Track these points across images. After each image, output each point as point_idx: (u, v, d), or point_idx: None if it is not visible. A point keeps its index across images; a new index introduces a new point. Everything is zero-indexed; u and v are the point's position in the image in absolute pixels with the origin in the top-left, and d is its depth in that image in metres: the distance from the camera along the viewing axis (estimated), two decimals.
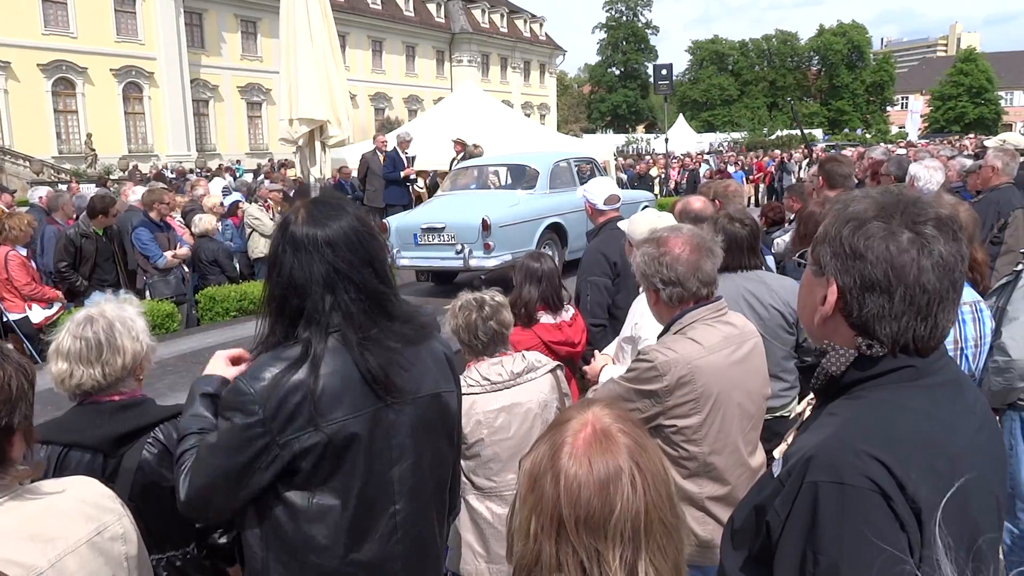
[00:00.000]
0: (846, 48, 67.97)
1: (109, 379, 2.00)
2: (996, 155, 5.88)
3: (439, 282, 10.04)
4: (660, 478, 1.13)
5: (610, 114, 69.37)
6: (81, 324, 2.02)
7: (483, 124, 16.95)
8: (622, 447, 1.12)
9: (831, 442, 1.18)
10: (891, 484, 1.10)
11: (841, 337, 1.27)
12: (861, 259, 1.21)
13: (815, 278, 1.30)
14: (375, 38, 48.58)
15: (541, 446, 1.17)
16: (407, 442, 1.81)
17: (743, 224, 3.39)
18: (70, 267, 7.12)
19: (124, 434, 1.99)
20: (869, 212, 1.23)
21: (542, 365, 2.97)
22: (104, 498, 1.52)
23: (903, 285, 1.19)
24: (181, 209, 9.78)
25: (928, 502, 1.09)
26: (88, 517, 1.45)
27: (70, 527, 1.40)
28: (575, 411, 1.21)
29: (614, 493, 1.08)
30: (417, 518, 1.85)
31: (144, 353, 2.08)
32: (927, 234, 1.19)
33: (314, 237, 1.73)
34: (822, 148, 30.07)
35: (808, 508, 1.14)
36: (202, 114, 40.37)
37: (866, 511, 1.09)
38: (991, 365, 3.23)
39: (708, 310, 2.40)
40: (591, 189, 4.77)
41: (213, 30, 40.40)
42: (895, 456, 1.12)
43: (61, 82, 34.41)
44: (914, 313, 1.20)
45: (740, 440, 2.39)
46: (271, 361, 1.69)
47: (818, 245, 1.29)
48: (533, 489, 1.13)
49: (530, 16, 61.65)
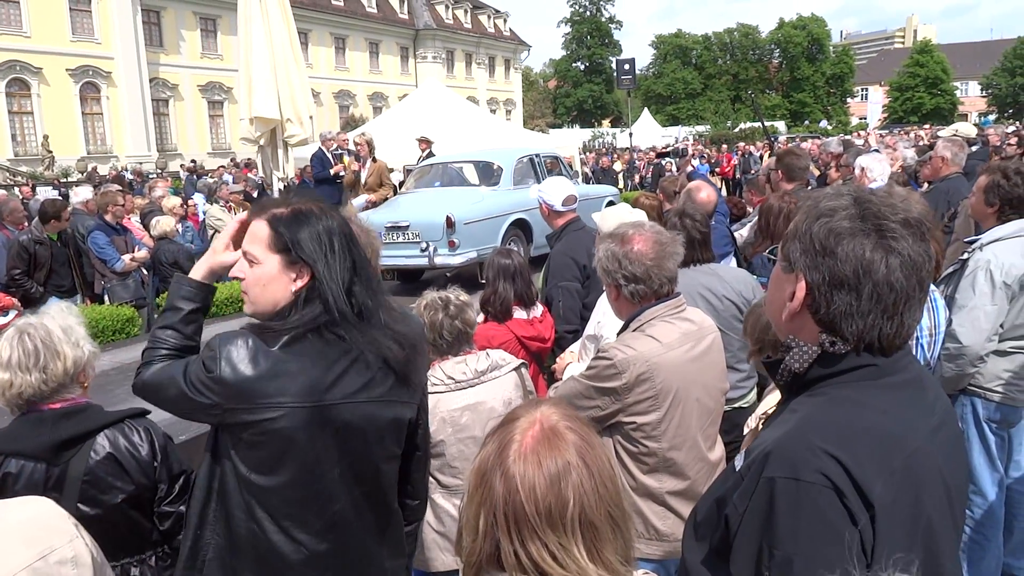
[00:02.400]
0: (806, 41, 68.82)
1: (50, 385, 1.98)
2: (945, 146, 6.00)
3: (405, 280, 9.99)
4: (607, 473, 1.16)
5: (576, 109, 69.51)
6: (18, 333, 2.01)
7: (448, 120, 16.88)
8: (570, 444, 1.15)
9: (789, 438, 1.20)
10: (846, 481, 1.11)
11: (807, 334, 1.28)
12: (831, 256, 1.22)
13: (784, 274, 1.31)
14: (337, 35, 48.07)
15: (489, 444, 1.19)
16: (353, 444, 1.82)
17: (693, 220, 3.46)
18: (24, 274, 6.96)
19: (65, 440, 1.97)
20: (840, 209, 1.24)
21: (506, 363, 2.97)
22: (54, 518, 1.44)
23: (871, 283, 1.20)
24: (140, 211, 9.61)
25: (882, 500, 1.11)
26: (31, 540, 1.36)
27: (9, 552, 1.32)
28: (523, 409, 1.23)
29: (565, 488, 1.11)
30: (354, 517, 1.86)
31: (86, 359, 2.06)
32: (897, 232, 1.21)
33: (329, 228, 1.80)
34: (784, 140, 30.43)
35: (765, 503, 1.16)
36: (162, 114, 39.65)
37: (821, 507, 1.11)
38: (943, 352, 3.30)
39: (667, 307, 2.42)
40: (547, 190, 4.51)
41: (172, 28, 39.67)
42: (851, 453, 1.13)
43: (15, 83, 33.54)
44: (881, 311, 1.21)
45: (699, 435, 2.41)
46: (248, 340, 1.74)
47: (788, 241, 1.30)
48: (480, 486, 1.15)
49: (494, 11, 61.50)
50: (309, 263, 1.76)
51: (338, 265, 1.77)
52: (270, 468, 1.75)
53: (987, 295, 3.24)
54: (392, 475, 1.97)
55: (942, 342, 3.30)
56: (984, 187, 3.61)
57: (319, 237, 1.78)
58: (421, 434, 2.05)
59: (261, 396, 1.70)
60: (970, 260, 3.36)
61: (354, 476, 1.84)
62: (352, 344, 1.77)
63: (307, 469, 1.77)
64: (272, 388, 1.70)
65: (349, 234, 1.83)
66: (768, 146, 19.52)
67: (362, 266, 1.82)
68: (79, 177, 23.81)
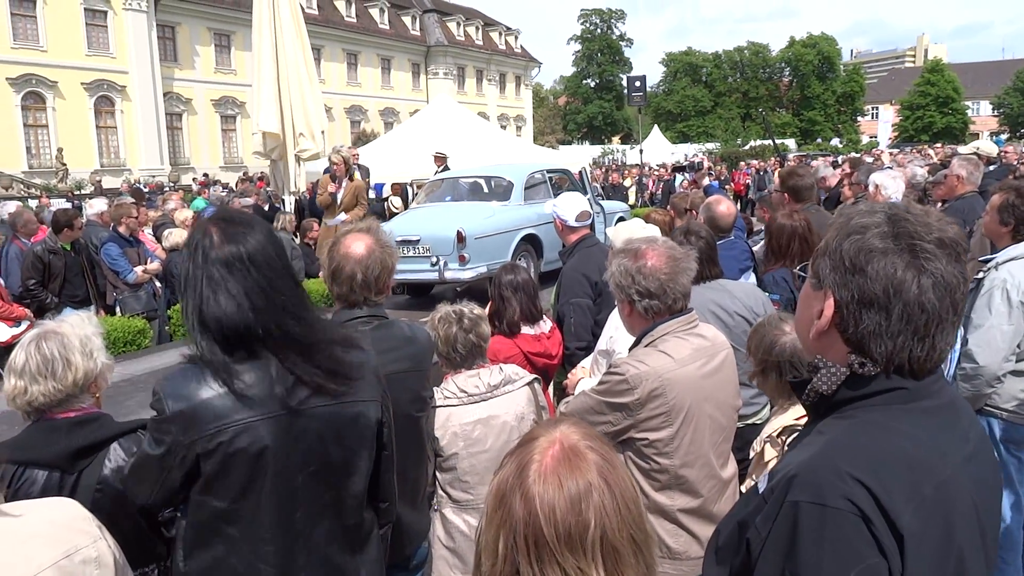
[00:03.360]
0: (817, 59, 68.93)
1: (60, 395, 1.99)
2: (961, 164, 5.98)
3: (415, 295, 10.01)
4: (630, 495, 1.13)
5: (586, 125, 69.74)
6: (34, 340, 2.01)
7: (459, 136, 16.98)
8: (591, 464, 1.12)
9: (814, 461, 1.17)
10: (873, 508, 1.08)
11: (835, 353, 1.26)
12: (861, 273, 1.19)
13: (813, 291, 1.28)
14: (350, 51, 48.49)
15: (508, 464, 1.16)
16: (315, 448, 1.82)
17: (699, 236, 3.46)
18: (39, 284, 7.01)
19: (80, 449, 1.97)
20: (873, 227, 1.21)
21: (520, 378, 2.97)
22: (79, 520, 1.48)
23: (902, 302, 1.17)
24: (152, 224, 9.67)
25: (911, 529, 1.08)
26: (56, 540, 1.40)
27: (34, 551, 1.36)
28: (543, 429, 1.20)
29: (587, 509, 1.08)
30: (316, 526, 1.85)
31: (98, 371, 2.07)
32: (931, 253, 1.17)
33: (231, 255, 1.77)
34: (795, 158, 30.40)
35: (788, 528, 1.12)
36: (175, 128, 40.00)
37: (846, 534, 1.08)
38: (959, 372, 3.28)
39: (679, 323, 2.41)
40: (562, 205, 4.50)
41: (186, 43, 40.11)
42: (879, 480, 1.10)
43: (31, 96, 33.93)
44: (911, 333, 1.18)
45: (712, 452, 2.39)
46: (187, 370, 1.77)
47: (818, 258, 1.28)
48: (500, 507, 1.13)
49: (505, 29, 61.93)
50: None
51: (198, 294, 1.75)
52: (242, 492, 1.75)
53: (1004, 315, 3.21)
54: (360, 478, 1.94)
55: (958, 361, 3.27)
56: (998, 207, 3.59)
57: (187, 264, 1.80)
58: (387, 433, 2.02)
59: (214, 419, 1.71)
60: (985, 279, 3.34)
61: (320, 482, 1.84)
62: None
63: (274, 482, 1.77)
64: (223, 408, 1.72)
65: (246, 257, 1.77)
66: (779, 163, 19.48)
67: (269, 289, 1.77)
68: (91, 190, 24.01)
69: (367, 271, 2.34)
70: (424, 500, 2.71)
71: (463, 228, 8.80)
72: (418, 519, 2.60)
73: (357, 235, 2.41)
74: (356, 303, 2.38)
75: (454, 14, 56.37)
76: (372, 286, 2.37)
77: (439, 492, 2.87)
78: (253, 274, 1.76)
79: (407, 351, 2.45)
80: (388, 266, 2.41)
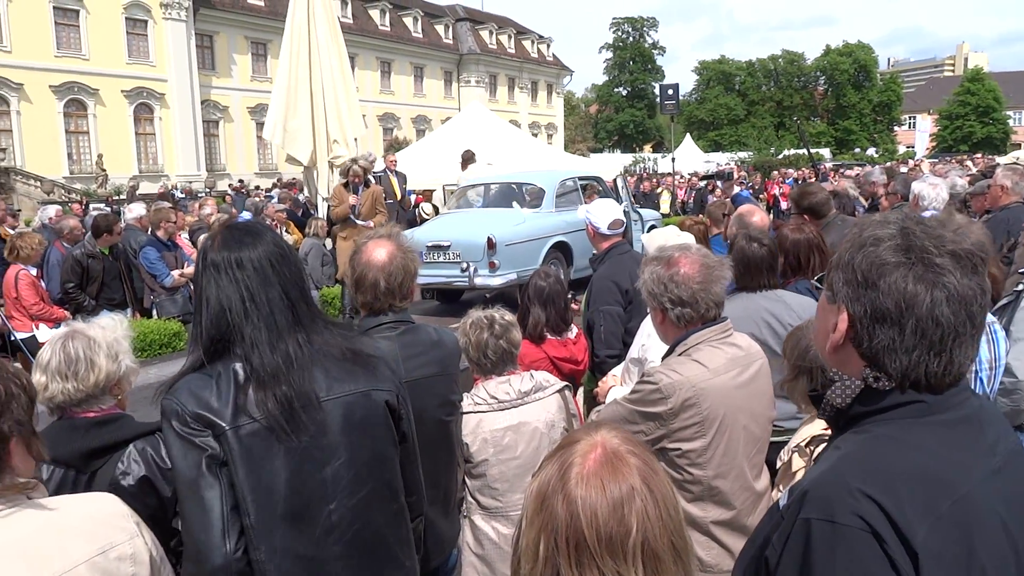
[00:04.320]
0: (852, 68, 68.13)
1: (80, 395, 2.00)
2: (1005, 174, 5.85)
3: (444, 300, 10.05)
4: (670, 500, 1.13)
5: (617, 134, 69.62)
6: (61, 339, 2.04)
7: (490, 143, 17.02)
8: (633, 469, 1.12)
9: (825, 477, 1.16)
10: (885, 525, 1.05)
11: (852, 367, 1.23)
12: (873, 288, 1.17)
13: (828, 304, 1.27)
14: (384, 59, 49.04)
15: (549, 467, 1.15)
16: (338, 440, 1.81)
17: (761, 244, 3.37)
18: (78, 287, 7.15)
19: (95, 449, 1.98)
20: (885, 240, 1.19)
21: (550, 385, 2.95)
22: (116, 516, 1.50)
23: (915, 317, 1.15)
24: (188, 228, 9.84)
25: (928, 547, 1.04)
26: (93, 536, 1.42)
27: (70, 546, 1.38)
28: (583, 433, 1.20)
29: (629, 514, 1.08)
30: (355, 517, 1.84)
31: (122, 374, 2.08)
32: (943, 266, 1.15)
33: (227, 260, 1.80)
34: (829, 167, 30.01)
35: (800, 545, 1.11)
36: (212, 135, 40.76)
37: (858, 552, 1.05)
38: (999, 387, 3.19)
39: (714, 331, 2.38)
40: (595, 211, 4.42)
41: (224, 52, 40.88)
42: (891, 495, 1.07)
43: (73, 103, 34.83)
44: (926, 347, 1.15)
45: (745, 464, 2.35)
46: (192, 377, 1.77)
47: (832, 271, 1.26)
48: (541, 510, 1.12)
49: (537, 37, 62.14)
50: None
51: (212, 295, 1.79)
52: (271, 479, 1.74)
53: None
54: (392, 466, 1.94)
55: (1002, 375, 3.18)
56: None
57: (199, 269, 1.84)
58: (406, 423, 2.01)
59: (225, 417, 1.71)
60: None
61: (353, 474, 1.83)
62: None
63: (297, 471, 1.76)
64: (229, 410, 1.72)
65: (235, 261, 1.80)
66: (814, 173, 19.28)
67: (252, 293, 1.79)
68: (125, 196, 24.58)
69: (390, 278, 2.34)
70: (455, 506, 2.70)
71: (493, 235, 8.82)
72: (449, 526, 2.59)
73: (378, 242, 2.41)
74: (381, 310, 2.38)
75: (487, 22, 56.70)
76: (396, 292, 2.37)
77: (468, 499, 2.86)
78: (241, 278, 1.79)
79: (434, 355, 2.45)
80: (411, 271, 2.40)
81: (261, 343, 1.77)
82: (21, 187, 28.44)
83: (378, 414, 1.91)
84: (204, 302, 1.80)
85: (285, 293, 1.82)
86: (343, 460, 1.82)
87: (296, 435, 1.75)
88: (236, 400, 1.72)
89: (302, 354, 1.80)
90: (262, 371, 1.74)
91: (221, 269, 1.80)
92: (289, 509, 1.75)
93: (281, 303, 1.81)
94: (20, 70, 32.36)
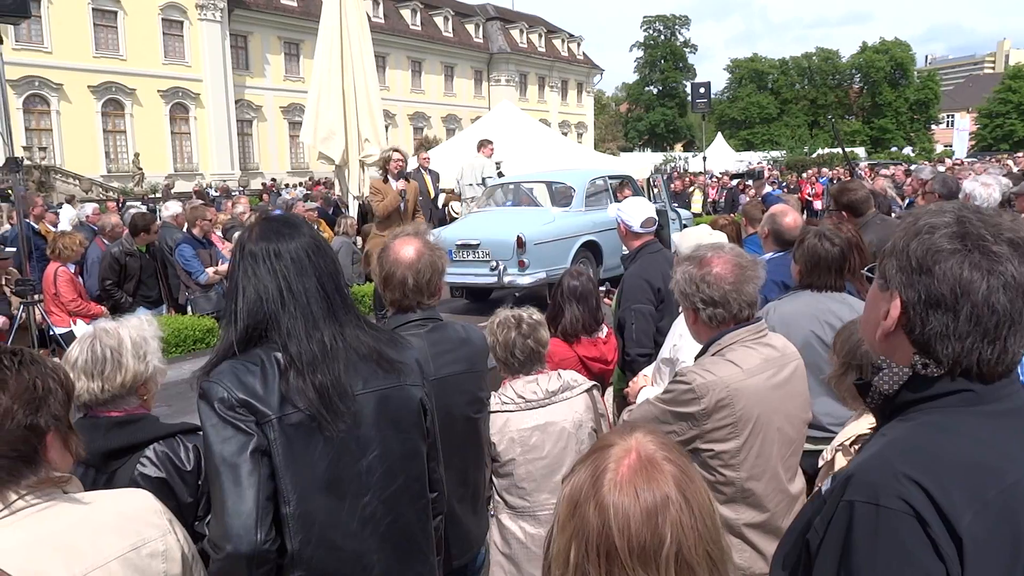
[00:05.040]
0: (889, 66, 66.94)
1: (106, 395, 2.00)
2: None
3: (473, 299, 10.06)
4: (707, 509, 1.09)
5: (647, 133, 69.17)
6: (90, 338, 2.04)
7: (520, 142, 17.02)
8: (668, 476, 1.09)
9: (871, 462, 1.15)
10: (929, 509, 1.05)
11: (902, 355, 1.23)
12: (928, 274, 1.17)
13: (880, 292, 1.26)
14: (414, 58, 49.28)
15: (582, 472, 1.13)
16: (372, 434, 1.82)
17: (833, 243, 3.26)
18: (115, 284, 7.29)
19: (115, 450, 1.97)
20: (941, 227, 1.18)
21: (578, 384, 2.93)
22: (150, 513, 1.51)
23: (970, 303, 1.14)
24: (222, 227, 9.97)
25: (972, 533, 1.03)
26: (126, 532, 1.43)
27: (103, 541, 1.39)
28: (617, 436, 1.17)
29: (663, 523, 1.05)
30: (389, 510, 1.85)
31: (149, 375, 2.08)
32: (1000, 253, 1.14)
33: (265, 250, 1.81)
34: (865, 167, 29.53)
35: (843, 528, 1.10)
36: (246, 134, 41.29)
37: (901, 536, 1.05)
38: None
39: (748, 331, 2.34)
40: (626, 209, 4.36)
41: (258, 52, 41.38)
42: (936, 481, 1.06)
43: (111, 103, 35.51)
44: (980, 334, 1.15)
45: (780, 466, 2.31)
46: (235, 363, 1.76)
47: (885, 258, 1.25)
48: (573, 516, 1.09)
49: (568, 36, 61.99)
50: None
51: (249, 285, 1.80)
52: (312, 470, 1.74)
53: None
54: (421, 462, 1.95)
55: None
56: None
57: (236, 259, 1.86)
58: (431, 420, 2.01)
59: (272, 406, 1.71)
60: None
61: (386, 467, 1.84)
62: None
63: (335, 461, 1.76)
64: (272, 398, 1.72)
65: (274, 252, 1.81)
66: (849, 172, 18.94)
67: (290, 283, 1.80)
68: (174, 193, 25.02)
69: (418, 275, 2.35)
70: (484, 505, 2.70)
71: (523, 233, 8.81)
72: (477, 524, 2.59)
73: (405, 240, 2.41)
74: (409, 307, 2.39)
75: (517, 21, 56.71)
76: (424, 290, 2.38)
77: (496, 498, 2.85)
78: (279, 268, 1.80)
79: (462, 352, 2.45)
80: (439, 269, 2.41)
81: (298, 332, 1.77)
82: (60, 185, 29.05)
83: (411, 409, 1.92)
84: (240, 291, 1.81)
85: (321, 285, 1.83)
86: (376, 453, 1.83)
87: (334, 423, 1.75)
88: (280, 388, 1.72)
89: (337, 345, 1.81)
90: (299, 360, 1.75)
91: (259, 259, 1.81)
92: (328, 500, 1.75)
93: (317, 294, 1.82)
94: (60, 71, 33.07)
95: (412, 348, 2.01)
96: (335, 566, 1.77)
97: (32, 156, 29.69)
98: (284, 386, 1.72)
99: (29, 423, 1.35)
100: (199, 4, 37.17)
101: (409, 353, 1.97)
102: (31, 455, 1.36)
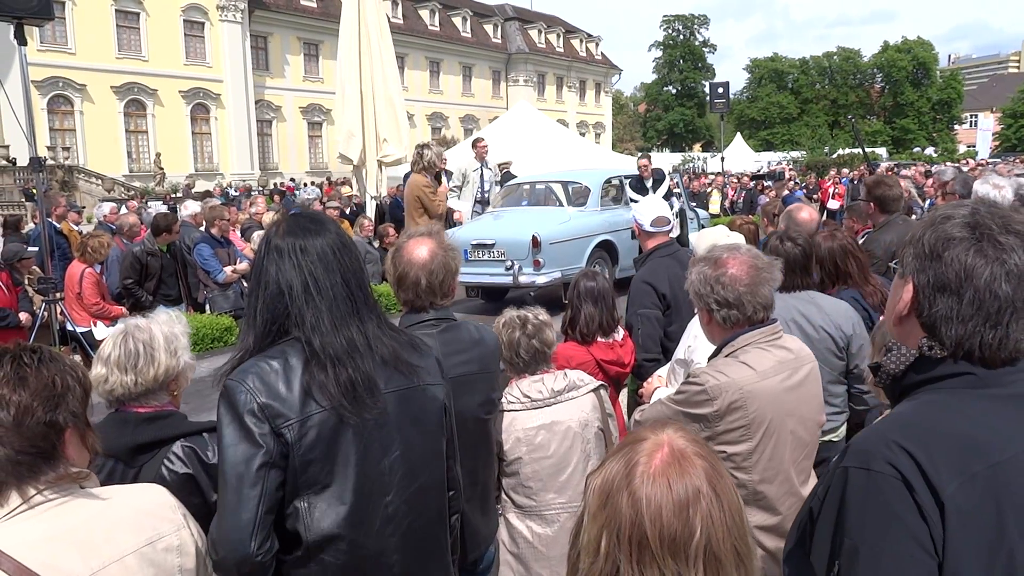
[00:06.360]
0: (911, 65, 66.22)
1: (139, 389, 2.03)
2: None
3: (489, 299, 10.07)
4: (735, 505, 1.12)
5: (666, 133, 68.91)
6: (123, 333, 2.07)
7: (538, 142, 17.02)
8: (700, 470, 1.11)
9: (868, 432, 1.25)
10: (916, 475, 1.12)
11: (914, 339, 1.30)
12: (937, 260, 1.25)
13: (899, 280, 1.34)
14: (432, 59, 49.43)
15: (613, 464, 1.16)
16: (395, 433, 1.83)
17: (795, 243, 3.30)
18: (136, 283, 7.37)
19: (142, 444, 2.00)
20: (955, 218, 1.27)
21: (584, 384, 2.92)
22: (164, 508, 1.52)
23: (973, 288, 1.21)
24: (240, 226, 10.04)
25: (955, 501, 1.09)
26: (141, 527, 1.45)
27: (120, 536, 1.41)
28: (648, 431, 1.19)
29: (693, 516, 1.08)
30: (410, 509, 1.85)
31: (180, 369, 2.10)
32: (1006, 244, 1.21)
33: (291, 245, 1.82)
34: (887, 167, 29.22)
35: (839, 492, 1.19)
36: (265, 134, 41.60)
37: (888, 498, 1.12)
38: None
39: (762, 333, 2.33)
40: (639, 208, 4.37)
41: (277, 53, 41.68)
42: (925, 450, 1.13)
43: (133, 104, 35.92)
44: (982, 319, 1.21)
45: (792, 469, 2.30)
46: (258, 361, 1.75)
47: (905, 247, 1.34)
48: (605, 506, 1.12)
49: (586, 36, 61.90)
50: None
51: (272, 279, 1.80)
52: (337, 468, 1.74)
53: None
54: (441, 462, 1.95)
55: None
56: None
57: (261, 253, 1.85)
58: (450, 419, 2.01)
59: (294, 407, 1.71)
60: None
61: (408, 467, 1.84)
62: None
63: (362, 458, 1.77)
64: (295, 399, 1.72)
65: (299, 247, 1.82)
66: (869, 173, 18.75)
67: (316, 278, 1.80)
68: (194, 193, 25.27)
69: (431, 276, 2.35)
70: (493, 504, 2.71)
71: (538, 233, 8.81)
72: (486, 523, 2.60)
73: (419, 240, 2.42)
74: (422, 308, 2.40)
75: (536, 22, 56.70)
76: (437, 290, 2.38)
77: (503, 497, 2.86)
78: (305, 263, 1.80)
79: (475, 353, 2.45)
80: (452, 269, 2.41)
81: (324, 326, 1.78)
82: (83, 184, 29.45)
83: (434, 410, 1.93)
84: (262, 285, 1.81)
85: (346, 282, 1.84)
86: (399, 453, 1.84)
87: (358, 414, 1.75)
88: (303, 386, 1.73)
89: (363, 341, 1.82)
90: (323, 354, 1.75)
91: (284, 254, 1.81)
92: (352, 499, 1.76)
93: (343, 291, 1.83)
94: (83, 71, 33.51)
95: (431, 349, 2.02)
96: (355, 564, 1.77)
97: (56, 156, 30.14)
98: (307, 382, 1.73)
99: (48, 420, 1.37)
100: (220, 5, 37.50)
101: (430, 355, 1.98)
102: (50, 451, 1.38)
